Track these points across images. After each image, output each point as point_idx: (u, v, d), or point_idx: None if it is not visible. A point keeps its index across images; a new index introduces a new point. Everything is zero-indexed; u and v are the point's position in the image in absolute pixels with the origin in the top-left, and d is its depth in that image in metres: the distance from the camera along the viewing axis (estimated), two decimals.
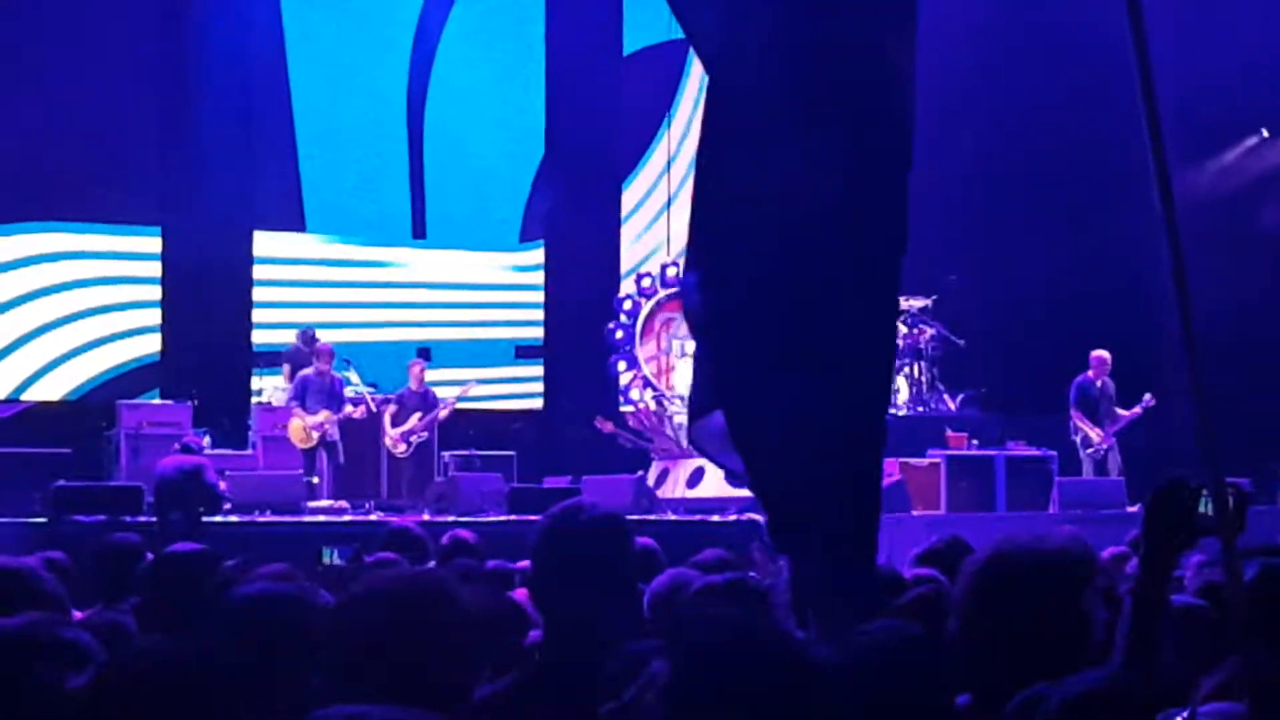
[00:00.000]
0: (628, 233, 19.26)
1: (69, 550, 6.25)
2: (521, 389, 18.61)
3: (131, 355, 16.33)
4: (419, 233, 18.31)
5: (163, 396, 15.81)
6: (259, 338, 16.96)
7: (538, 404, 18.47)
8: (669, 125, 19.64)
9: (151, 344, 16.42)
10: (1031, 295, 18.43)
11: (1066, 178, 18.42)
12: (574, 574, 3.26)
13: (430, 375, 17.94)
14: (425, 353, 18.10)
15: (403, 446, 14.93)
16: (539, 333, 18.54)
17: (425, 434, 15.01)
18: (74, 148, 15.53)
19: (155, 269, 16.48)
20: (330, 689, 2.58)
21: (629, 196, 19.35)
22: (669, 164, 19.60)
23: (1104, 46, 17.57)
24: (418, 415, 14.97)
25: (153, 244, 16.45)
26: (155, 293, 16.47)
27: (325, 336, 16.34)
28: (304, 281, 17.57)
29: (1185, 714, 2.53)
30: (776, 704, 2.28)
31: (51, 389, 16.00)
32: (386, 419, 14.94)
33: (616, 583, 3.32)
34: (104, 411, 14.58)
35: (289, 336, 16.15)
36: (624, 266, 18.82)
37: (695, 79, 19.97)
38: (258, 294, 17.22)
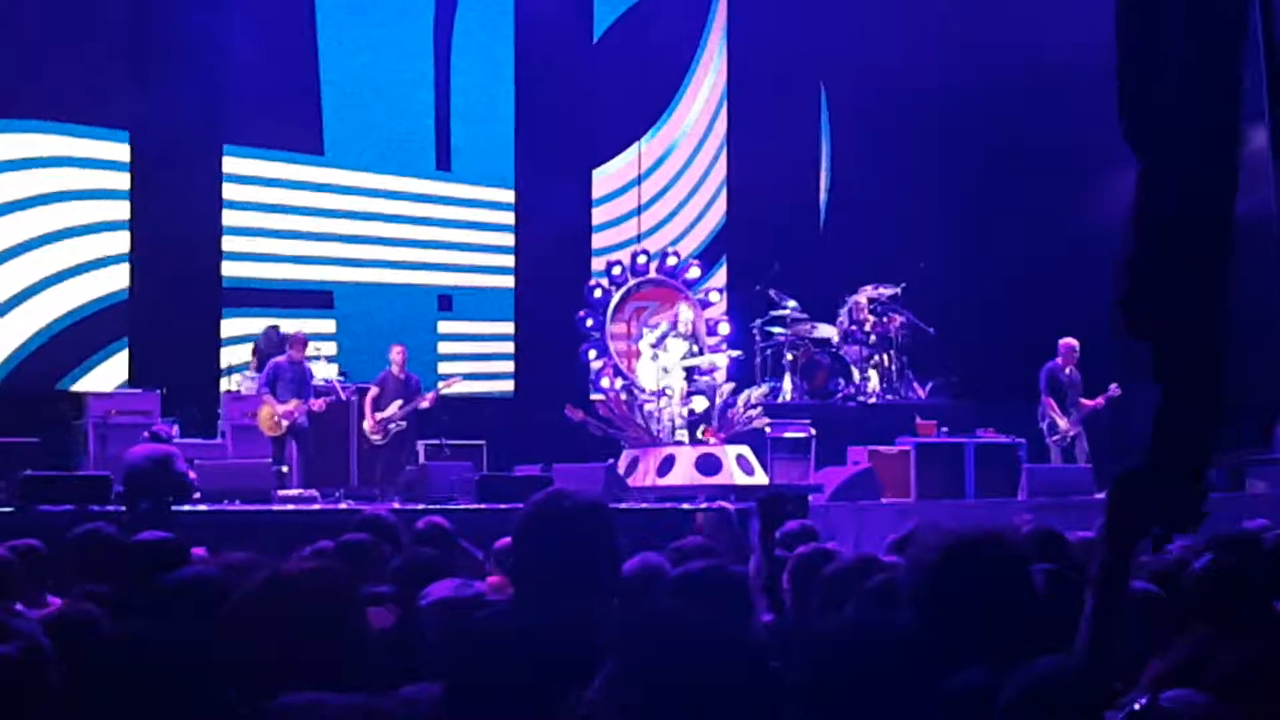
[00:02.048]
0: (599, 217, 19.29)
1: (37, 539, 6.21)
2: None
3: (100, 292, 15.87)
4: (443, 164, 18.19)
5: (131, 341, 15.72)
6: (257, 272, 16.80)
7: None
8: (669, 116, 19.74)
9: (120, 278, 15.98)
10: (1000, 283, 18.53)
11: (1034, 166, 18.52)
12: (557, 561, 3.29)
13: (450, 327, 17.75)
14: (446, 300, 18.00)
15: (379, 435, 14.85)
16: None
17: (404, 423, 14.91)
18: (44, 40, 15.24)
19: (124, 180, 16.02)
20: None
21: (600, 183, 19.34)
22: (685, 162, 19.71)
23: (1070, 40, 17.64)
24: (398, 403, 14.85)
25: (121, 151, 16.02)
26: (124, 210, 16.02)
27: (339, 275, 16.36)
28: (325, 211, 17.35)
29: (1144, 701, 2.54)
30: (722, 700, 2.27)
31: (16, 327, 15.54)
32: (368, 403, 14.86)
33: (598, 570, 3.34)
34: (72, 400, 14.52)
35: (292, 272, 16.01)
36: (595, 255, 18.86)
37: (703, 71, 20.12)
38: (271, 225, 16.96)
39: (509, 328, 18.52)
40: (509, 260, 18.61)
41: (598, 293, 16.41)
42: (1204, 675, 3.05)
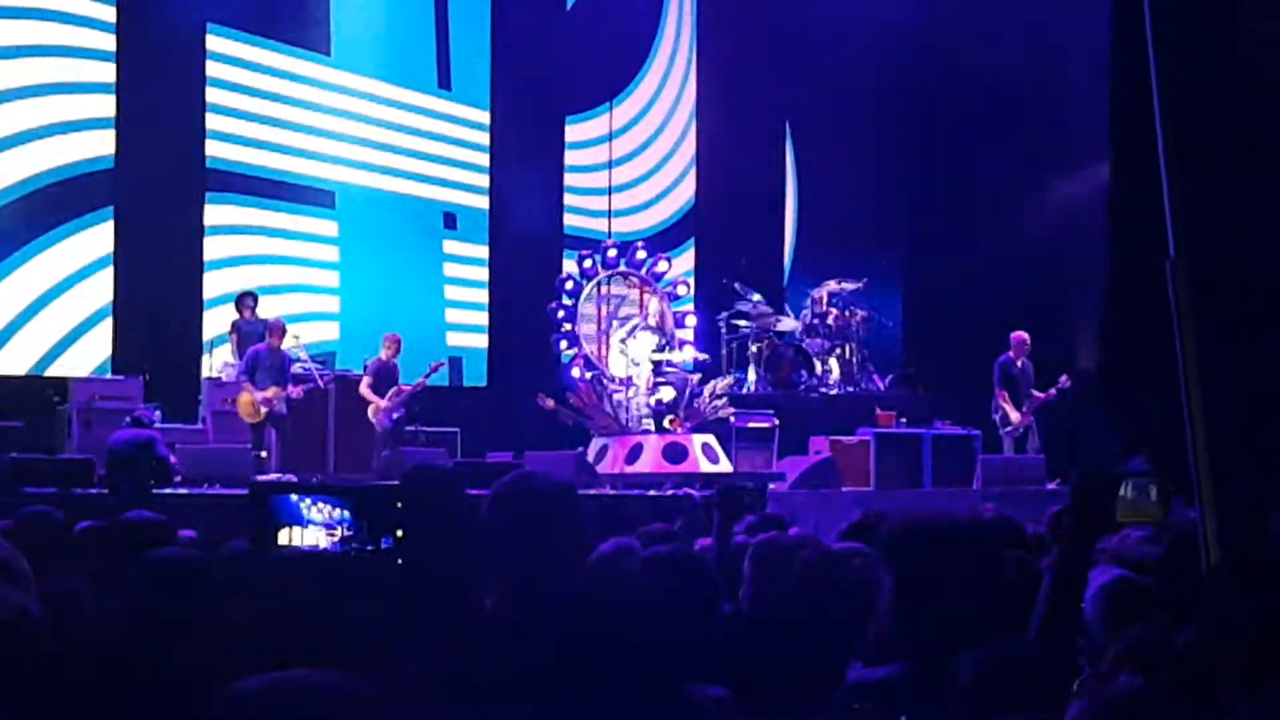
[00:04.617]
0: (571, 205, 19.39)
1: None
2: None
3: (86, 154, 15.62)
4: (444, 83, 18.29)
5: (116, 217, 15.60)
6: (250, 159, 16.76)
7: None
8: (628, 91, 19.89)
9: (106, 143, 15.75)
10: (956, 279, 18.80)
11: (991, 166, 18.59)
12: (525, 539, 3.38)
13: (455, 248, 17.89)
14: (450, 219, 18.08)
15: (385, 422, 14.87)
16: None
17: (402, 411, 14.99)
18: None
19: (110, 41, 15.78)
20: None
21: (573, 162, 19.44)
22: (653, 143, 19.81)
23: (1029, 38, 17.93)
24: (392, 391, 14.91)
25: (108, 12, 15.79)
26: (109, 71, 15.77)
27: (342, 175, 16.43)
28: (331, 109, 17.32)
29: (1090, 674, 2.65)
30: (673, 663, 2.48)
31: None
32: (366, 391, 14.93)
33: (565, 548, 3.45)
34: (56, 386, 14.66)
35: (291, 164, 16.14)
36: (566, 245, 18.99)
37: (666, 44, 20.19)
38: (272, 114, 16.91)
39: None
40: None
41: (569, 284, 16.71)
42: (1149, 657, 3.00)
